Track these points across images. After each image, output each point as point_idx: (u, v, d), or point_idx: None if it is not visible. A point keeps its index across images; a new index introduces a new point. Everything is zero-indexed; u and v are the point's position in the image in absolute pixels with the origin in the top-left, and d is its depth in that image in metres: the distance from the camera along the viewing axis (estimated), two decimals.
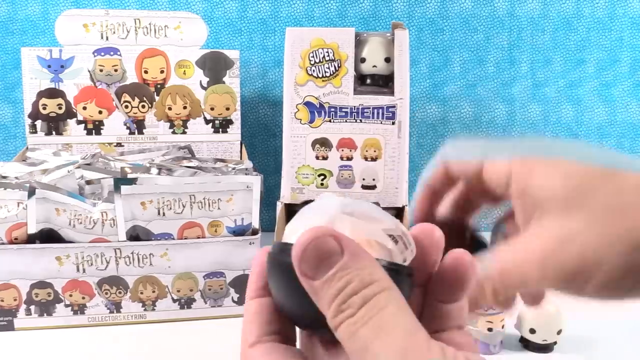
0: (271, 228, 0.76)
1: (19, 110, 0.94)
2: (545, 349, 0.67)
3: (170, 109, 0.87)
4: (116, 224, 0.69)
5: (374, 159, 0.77)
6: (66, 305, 0.71)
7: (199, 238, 0.71)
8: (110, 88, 0.85)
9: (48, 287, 0.70)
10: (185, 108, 0.87)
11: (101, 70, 0.84)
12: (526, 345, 0.68)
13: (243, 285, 0.74)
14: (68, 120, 0.85)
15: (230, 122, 0.88)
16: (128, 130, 0.86)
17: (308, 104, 0.76)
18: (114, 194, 0.69)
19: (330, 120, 0.76)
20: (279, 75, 0.96)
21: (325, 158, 0.77)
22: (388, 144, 0.76)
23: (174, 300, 0.73)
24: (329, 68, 0.76)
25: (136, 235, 0.70)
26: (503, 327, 0.66)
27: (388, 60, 0.76)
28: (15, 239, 0.68)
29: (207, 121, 0.87)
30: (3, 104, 0.96)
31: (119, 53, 0.84)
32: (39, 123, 0.85)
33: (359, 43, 0.76)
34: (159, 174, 0.74)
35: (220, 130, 0.88)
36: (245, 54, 0.96)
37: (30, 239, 0.68)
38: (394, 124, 0.76)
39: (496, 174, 0.37)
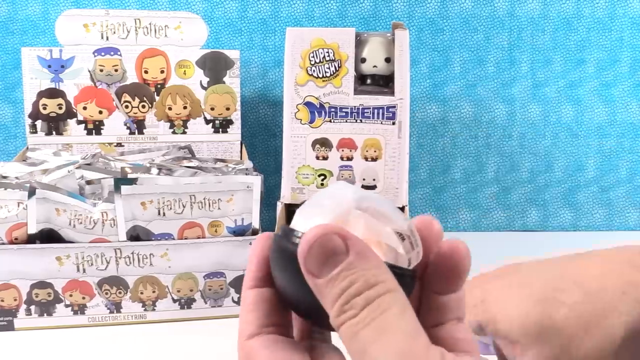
0: (271, 228, 0.76)
1: (19, 110, 0.94)
2: None
3: (170, 109, 0.87)
4: (116, 224, 0.69)
5: (374, 159, 0.77)
6: (66, 306, 0.71)
7: (199, 238, 0.71)
8: (110, 88, 0.85)
9: (48, 287, 0.70)
10: (185, 108, 0.87)
11: (101, 70, 0.84)
12: None
13: None
14: (68, 120, 0.85)
15: (230, 122, 0.88)
16: (128, 130, 0.86)
17: (308, 104, 0.76)
18: (114, 194, 0.69)
19: (330, 121, 0.76)
20: (279, 75, 0.96)
21: (325, 158, 0.77)
22: (388, 144, 0.76)
23: (174, 301, 0.73)
24: (329, 68, 0.76)
25: (136, 235, 0.70)
26: None
27: (388, 60, 0.76)
28: (16, 239, 0.68)
29: (207, 121, 0.87)
30: (3, 104, 0.96)
31: (119, 53, 0.84)
32: (39, 123, 0.85)
33: (359, 43, 0.76)
34: (159, 174, 0.74)
35: (221, 130, 0.88)
36: (246, 54, 0.96)
37: (31, 239, 0.68)
38: (394, 124, 0.76)
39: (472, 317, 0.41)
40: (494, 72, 0.99)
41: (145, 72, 0.85)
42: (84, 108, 0.85)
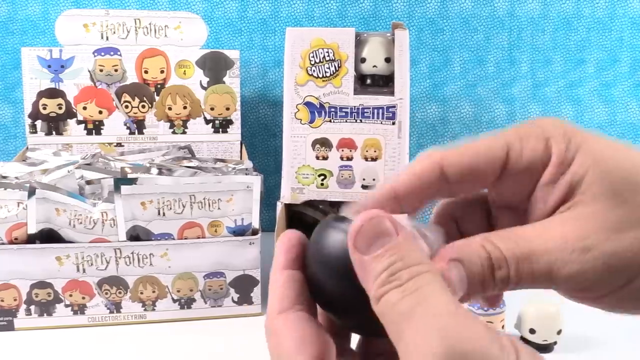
0: (271, 228, 0.76)
1: (19, 110, 0.94)
2: (545, 349, 0.67)
3: (170, 109, 0.87)
4: (116, 224, 0.69)
5: (374, 159, 0.77)
6: (66, 306, 0.71)
7: (199, 238, 0.71)
8: (110, 88, 0.85)
9: (48, 287, 0.70)
10: (185, 108, 0.87)
11: (101, 70, 0.84)
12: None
13: (243, 285, 0.74)
14: (68, 120, 0.85)
15: (230, 122, 0.88)
16: (128, 130, 0.86)
17: (308, 104, 0.76)
18: (114, 194, 0.69)
19: (330, 121, 0.76)
20: (279, 75, 0.96)
21: (325, 158, 0.77)
22: (388, 144, 0.76)
23: (174, 301, 0.73)
24: (329, 68, 0.76)
25: (136, 235, 0.70)
26: (503, 327, 0.66)
27: (388, 60, 0.76)
28: (15, 239, 0.68)
29: (207, 121, 0.87)
30: (3, 104, 0.96)
31: (119, 53, 0.84)
32: (39, 123, 0.85)
33: (359, 43, 0.76)
34: (159, 174, 0.74)
35: (220, 130, 0.88)
36: (246, 54, 0.96)
37: (30, 239, 0.68)
38: (394, 124, 0.76)
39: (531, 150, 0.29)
40: (494, 72, 0.99)
41: (145, 72, 0.85)
42: (84, 108, 0.85)
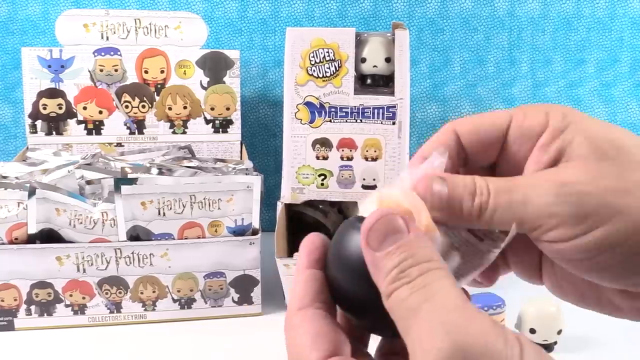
0: (271, 228, 0.76)
1: (19, 110, 0.94)
2: (546, 348, 0.67)
3: (170, 109, 0.87)
4: (116, 224, 0.69)
5: (374, 159, 0.77)
6: (66, 306, 0.71)
7: (199, 238, 0.71)
8: (110, 88, 0.85)
9: (48, 287, 0.70)
10: (185, 108, 0.87)
11: (101, 70, 0.84)
12: None
13: (243, 286, 0.74)
14: (68, 120, 0.85)
15: (230, 122, 0.88)
16: (128, 130, 0.86)
17: (308, 104, 0.76)
18: (114, 194, 0.69)
19: (330, 121, 0.76)
20: (279, 75, 0.96)
21: (325, 158, 0.77)
22: (388, 144, 0.76)
23: (174, 301, 0.73)
24: (329, 68, 0.76)
25: (136, 235, 0.70)
26: None
27: (388, 60, 0.76)
28: (16, 239, 0.68)
29: (207, 121, 0.87)
30: (3, 104, 0.96)
31: (119, 53, 0.84)
32: (39, 123, 0.85)
33: (360, 43, 0.76)
34: (160, 174, 0.74)
35: (221, 130, 0.88)
36: (246, 54, 0.96)
37: (31, 239, 0.68)
38: (394, 124, 0.76)
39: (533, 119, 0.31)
40: (494, 72, 0.99)
41: (145, 72, 0.85)
42: (84, 108, 0.85)
